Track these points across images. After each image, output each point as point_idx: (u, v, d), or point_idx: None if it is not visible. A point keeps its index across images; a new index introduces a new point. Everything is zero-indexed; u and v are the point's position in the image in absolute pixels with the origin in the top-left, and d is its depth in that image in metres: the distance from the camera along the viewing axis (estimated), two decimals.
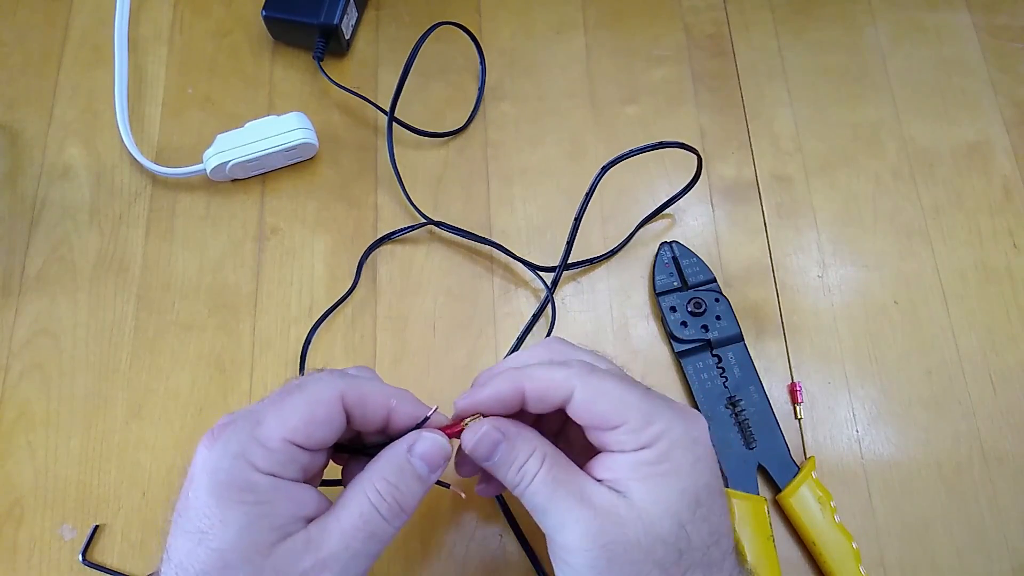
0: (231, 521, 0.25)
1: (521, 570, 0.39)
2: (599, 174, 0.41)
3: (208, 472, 0.26)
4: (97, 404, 0.43)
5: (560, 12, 0.52)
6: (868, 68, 0.51)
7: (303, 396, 0.28)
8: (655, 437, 0.28)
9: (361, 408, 0.29)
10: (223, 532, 0.25)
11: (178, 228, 0.47)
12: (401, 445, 0.29)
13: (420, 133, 0.48)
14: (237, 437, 0.27)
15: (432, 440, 0.29)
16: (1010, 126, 0.49)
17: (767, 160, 0.49)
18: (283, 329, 0.44)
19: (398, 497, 0.28)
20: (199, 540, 0.25)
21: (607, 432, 0.28)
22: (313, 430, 0.27)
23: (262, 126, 0.46)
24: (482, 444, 0.29)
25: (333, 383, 0.28)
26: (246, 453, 0.26)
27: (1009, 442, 0.42)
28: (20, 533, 0.40)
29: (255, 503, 0.26)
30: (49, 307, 0.45)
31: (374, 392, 0.29)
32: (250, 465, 0.26)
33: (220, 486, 0.26)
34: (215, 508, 0.25)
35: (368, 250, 0.45)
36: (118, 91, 0.48)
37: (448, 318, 0.45)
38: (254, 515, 0.25)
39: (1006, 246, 0.46)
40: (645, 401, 0.29)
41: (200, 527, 0.25)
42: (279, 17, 0.48)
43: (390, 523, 0.28)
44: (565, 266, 0.44)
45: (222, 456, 0.26)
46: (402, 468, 0.28)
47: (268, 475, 0.26)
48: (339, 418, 0.28)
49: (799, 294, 0.45)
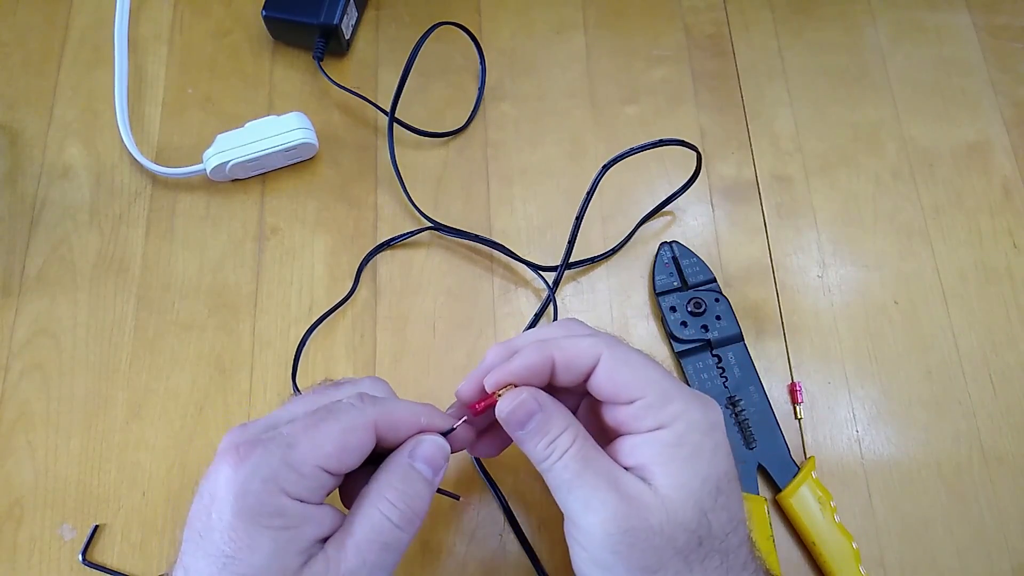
0: (259, 547, 0.25)
1: (521, 570, 0.39)
2: (600, 173, 0.41)
3: (235, 495, 0.25)
4: (97, 404, 0.43)
5: (560, 12, 0.52)
6: (868, 68, 0.51)
7: (338, 424, 0.28)
8: (673, 417, 0.28)
9: (394, 432, 0.29)
10: (250, 557, 0.25)
11: (178, 228, 0.47)
12: (402, 453, 0.29)
13: (420, 133, 0.48)
14: (268, 461, 0.26)
15: (431, 442, 0.30)
16: (1010, 126, 0.49)
17: (767, 160, 0.49)
18: (283, 329, 0.44)
19: (408, 503, 0.28)
20: (223, 564, 0.25)
21: (625, 408, 0.29)
22: (346, 457, 0.27)
23: (262, 126, 0.46)
24: (518, 412, 0.29)
25: (366, 411, 0.28)
26: (278, 478, 0.26)
27: (1009, 442, 0.42)
28: (20, 533, 0.40)
29: (283, 528, 0.26)
30: (49, 307, 0.45)
31: (404, 414, 0.30)
32: (281, 490, 0.26)
33: (249, 510, 0.25)
34: (243, 533, 0.25)
35: (368, 256, 0.45)
36: (118, 91, 0.48)
37: (448, 318, 0.45)
38: (282, 540, 0.25)
39: (1006, 246, 0.46)
40: (665, 379, 0.29)
41: (225, 551, 0.25)
42: (279, 17, 0.48)
43: (404, 531, 0.28)
44: (567, 265, 0.44)
45: (251, 478, 0.26)
46: (407, 475, 0.29)
47: (297, 500, 0.26)
48: (370, 444, 0.28)
49: (799, 294, 0.45)
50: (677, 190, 0.46)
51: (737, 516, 0.28)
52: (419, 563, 0.40)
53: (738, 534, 0.28)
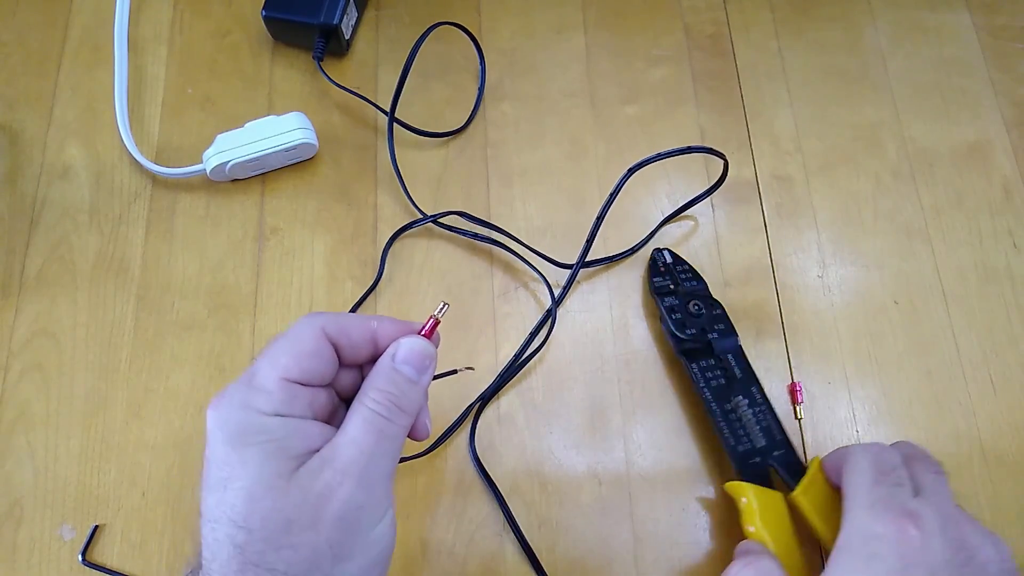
0: (249, 459, 0.26)
1: (521, 570, 0.39)
2: (626, 175, 0.42)
3: (219, 427, 0.27)
4: (97, 404, 0.43)
5: (560, 12, 0.52)
6: (868, 68, 0.51)
7: (286, 337, 0.29)
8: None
9: (346, 337, 0.30)
10: (243, 471, 0.26)
11: (178, 228, 0.47)
12: (385, 357, 0.30)
13: (420, 133, 0.48)
14: (238, 391, 0.28)
15: (409, 344, 0.30)
16: (1010, 126, 0.49)
17: (767, 160, 0.49)
18: (283, 329, 0.44)
19: (394, 400, 0.29)
20: (224, 487, 0.26)
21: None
22: (304, 363, 0.28)
23: (262, 126, 0.46)
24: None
25: (312, 319, 0.30)
26: (249, 401, 0.27)
27: (1009, 442, 0.42)
28: (20, 533, 0.40)
29: (268, 440, 0.27)
30: (49, 307, 0.45)
31: (354, 320, 0.30)
32: (255, 410, 0.27)
33: (233, 435, 0.27)
34: (232, 454, 0.26)
35: (390, 240, 0.46)
36: (118, 91, 0.48)
37: (448, 318, 0.44)
38: (270, 450, 0.27)
39: (1006, 246, 0.46)
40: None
41: (222, 476, 0.26)
42: (279, 17, 0.48)
43: (394, 421, 0.29)
44: (583, 264, 0.44)
45: (229, 410, 0.27)
46: (391, 376, 0.29)
47: (274, 415, 0.27)
48: (327, 350, 0.29)
49: (799, 294, 0.45)
50: (701, 193, 0.46)
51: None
52: (419, 563, 0.40)
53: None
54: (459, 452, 0.42)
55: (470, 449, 0.41)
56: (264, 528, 0.26)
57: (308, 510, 0.26)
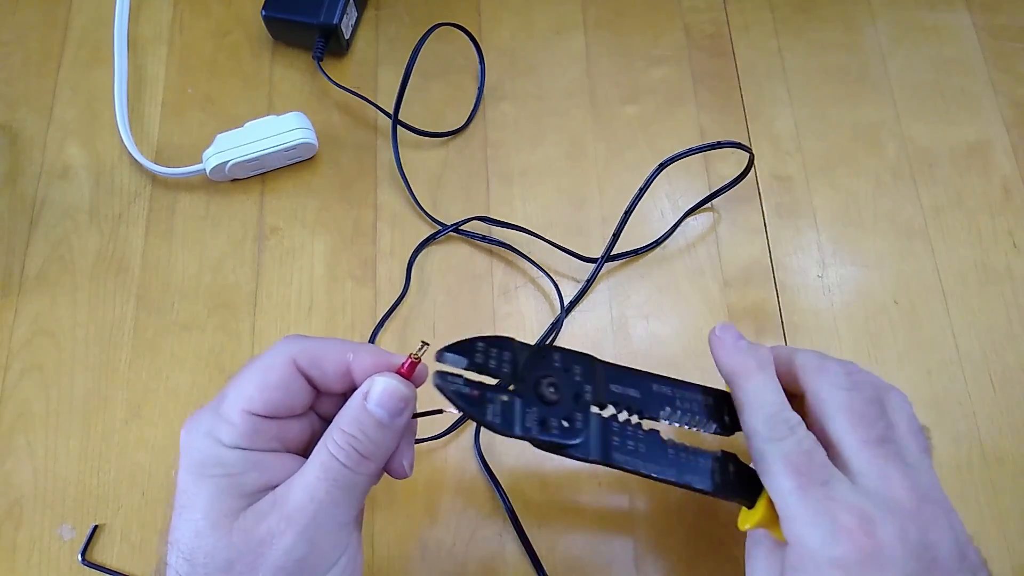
0: (202, 492, 0.26)
1: (521, 570, 0.39)
2: (655, 171, 0.42)
3: (185, 452, 0.27)
4: (97, 404, 0.43)
5: (560, 12, 0.52)
6: (868, 68, 0.51)
7: (256, 365, 0.28)
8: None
9: (318, 369, 0.29)
10: (196, 503, 0.26)
11: (178, 228, 0.47)
12: (357, 395, 0.28)
13: (420, 133, 0.48)
14: (207, 417, 0.28)
15: (383, 384, 0.28)
16: (1010, 126, 0.49)
17: (767, 160, 0.49)
18: (283, 329, 0.44)
19: (357, 445, 0.27)
20: (180, 514, 0.27)
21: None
22: (269, 396, 0.28)
23: (262, 126, 0.46)
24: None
25: (285, 347, 0.29)
26: (213, 431, 0.27)
27: (1009, 442, 0.42)
28: (20, 533, 0.40)
29: (223, 475, 0.27)
30: (49, 307, 0.45)
31: (329, 349, 0.29)
32: (217, 441, 0.27)
33: (194, 464, 0.27)
34: (190, 484, 0.27)
35: (415, 252, 0.46)
36: (118, 91, 0.48)
37: (448, 318, 0.45)
38: (223, 485, 0.26)
39: (1006, 246, 0.46)
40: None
41: (181, 503, 0.27)
42: (279, 17, 0.48)
43: (354, 471, 0.27)
44: (608, 257, 0.45)
45: (195, 436, 0.27)
46: (359, 419, 0.28)
47: (234, 448, 0.27)
48: (296, 382, 0.28)
49: (799, 294, 0.45)
50: (724, 185, 0.46)
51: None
52: (419, 563, 0.40)
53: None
54: (459, 451, 0.42)
55: (475, 446, 0.41)
56: (206, 566, 0.26)
57: (248, 555, 0.26)
